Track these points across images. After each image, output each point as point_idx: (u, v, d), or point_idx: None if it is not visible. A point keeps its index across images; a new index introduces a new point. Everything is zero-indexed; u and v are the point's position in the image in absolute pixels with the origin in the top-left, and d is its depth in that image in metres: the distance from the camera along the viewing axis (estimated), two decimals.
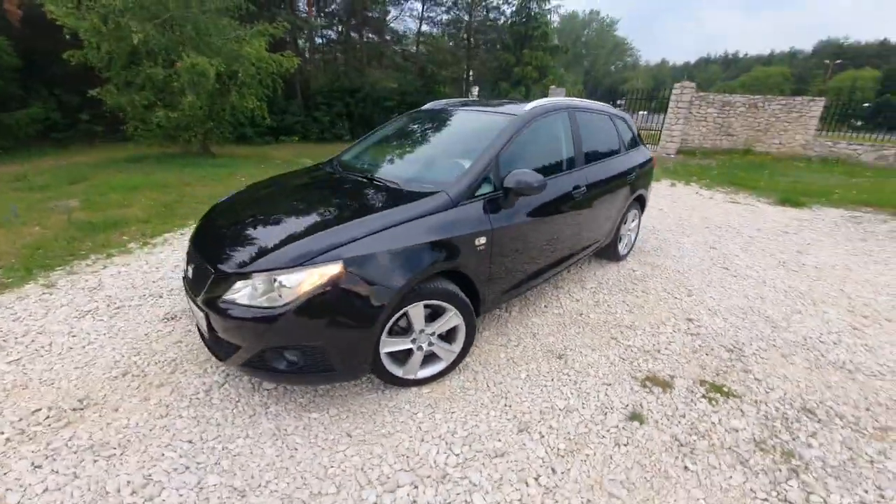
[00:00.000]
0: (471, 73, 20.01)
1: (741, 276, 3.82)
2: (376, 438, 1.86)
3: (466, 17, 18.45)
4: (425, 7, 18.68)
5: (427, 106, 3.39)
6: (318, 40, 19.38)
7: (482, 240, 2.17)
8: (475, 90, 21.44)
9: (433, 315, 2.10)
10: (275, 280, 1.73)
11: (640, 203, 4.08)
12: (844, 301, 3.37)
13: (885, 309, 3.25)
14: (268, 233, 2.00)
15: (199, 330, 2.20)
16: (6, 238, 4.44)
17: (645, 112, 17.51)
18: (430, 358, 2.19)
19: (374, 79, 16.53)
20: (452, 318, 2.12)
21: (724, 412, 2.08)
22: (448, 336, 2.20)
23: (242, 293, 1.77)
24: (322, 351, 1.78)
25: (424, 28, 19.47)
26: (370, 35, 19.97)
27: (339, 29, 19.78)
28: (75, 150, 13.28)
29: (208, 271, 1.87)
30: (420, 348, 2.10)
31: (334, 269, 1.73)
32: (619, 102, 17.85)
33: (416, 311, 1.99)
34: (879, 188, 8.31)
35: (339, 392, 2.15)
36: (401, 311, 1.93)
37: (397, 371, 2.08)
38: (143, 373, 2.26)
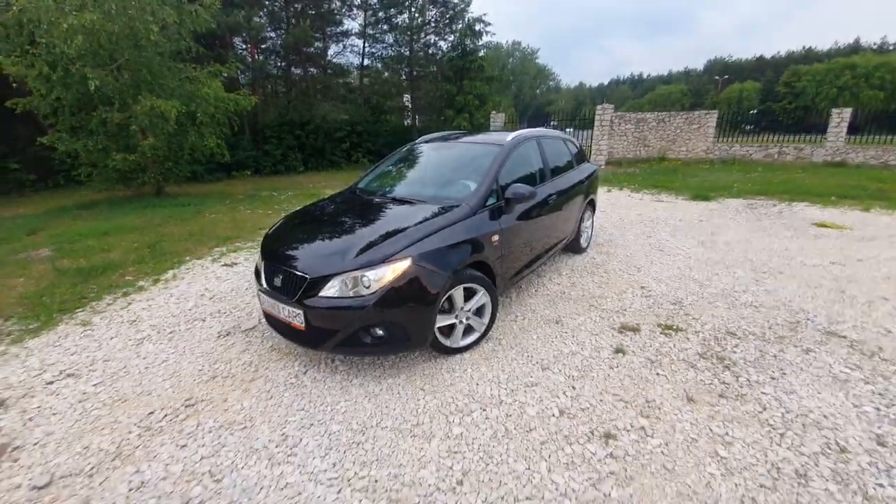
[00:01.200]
0: (414, 101, 21.18)
1: (673, 254, 4.89)
2: (444, 388, 2.47)
3: (407, 52, 19.69)
4: (366, 43, 19.67)
5: (421, 139, 4.13)
6: (259, 76, 19.54)
7: (496, 237, 2.90)
8: (418, 119, 22.58)
9: (466, 297, 2.78)
10: (363, 276, 2.33)
11: (592, 206, 5.06)
12: (748, 264, 4.51)
13: (777, 266, 4.41)
14: (341, 243, 2.60)
15: (278, 329, 2.69)
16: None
17: (571, 129, 19.69)
18: (467, 330, 2.85)
19: (325, 111, 17.04)
20: (482, 297, 2.81)
21: (676, 340, 2.95)
22: (479, 312, 2.87)
23: (335, 290, 2.35)
24: (401, 326, 2.40)
25: (367, 62, 20.43)
26: (311, 70, 20.55)
27: (280, 65, 20.16)
28: (5, 200, 12.34)
29: (301, 278, 2.42)
30: (461, 322, 2.76)
31: (406, 264, 2.37)
32: (552, 123, 19.83)
33: (458, 293, 2.67)
34: (769, 180, 10.32)
35: (402, 364, 2.73)
36: (447, 294, 2.59)
37: (446, 342, 2.72)
38: (231, 374, 2.69)
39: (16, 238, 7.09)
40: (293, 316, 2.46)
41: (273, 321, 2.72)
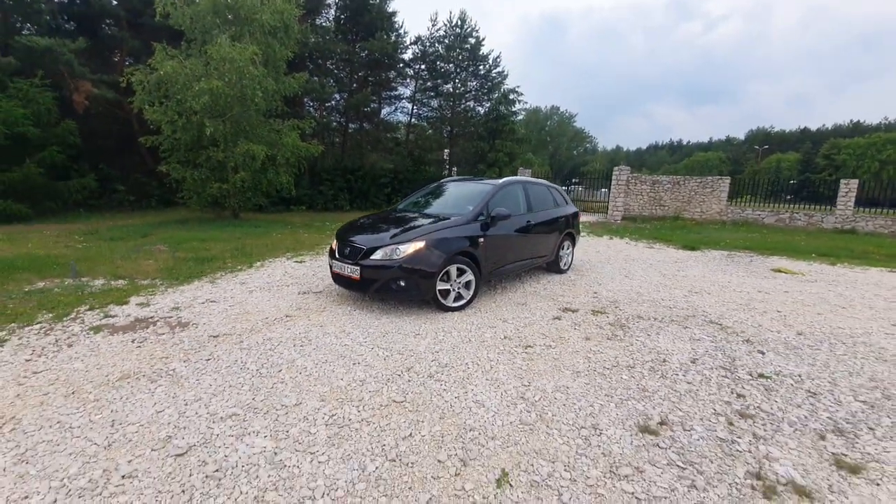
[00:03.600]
0: (452, 156, 23.89)
1: (634, 279, 6.25)
2: (437, 324, 4.02)
3: (449, 114, 22.74)
4: (415, 106, 22.95)
5: (445, 179, 5.96)
6: (322, 129, 23.00)
7: (482, 240, 4.54)
8: (454, 170, 25.31)
9: (459, 274, 4.36)
10: (397, 248, 4.01)
11: (571, 238, 6.58)
12: (688, 287, 5.80)
13: (709, 290, 5.68)
14: (386, 232, 4.34)
15: (342, 283, 4.39)
16: (138, 266, 6.41)
17: (605, 189, 21.42)
18: (457, 297, 4.41)
19: (374, 160, 19.81)
20: (469, 276, 4.39)
21: (599, 317, 4.35)
22: (467, 285, 4.44)
23: (380, 256, 4.04)
24: (415, 281, 4.02)
25: (414, 121, 23.63)
26: (365, 125, 23.96)
27: (340, 120, 23.72)
28: (110, 215, 15.31)
29: (361, 248, 4.14)
30: (454, 289, 4.34)
31: (421, 244, 4.05)
32: (574, 181, 21.70)
33: (453, 269, 4.27)
34: (765, 239, 11.36)
35: (413, 312, 4.31)
36: (446, 268, 4.20)
37: (443, 301, 4.29)
38: (309, 308, 4.38)
39: (133, 238, 9.39)
40: (353, 271, 4.15)
41: (339, 278, 4.43)
